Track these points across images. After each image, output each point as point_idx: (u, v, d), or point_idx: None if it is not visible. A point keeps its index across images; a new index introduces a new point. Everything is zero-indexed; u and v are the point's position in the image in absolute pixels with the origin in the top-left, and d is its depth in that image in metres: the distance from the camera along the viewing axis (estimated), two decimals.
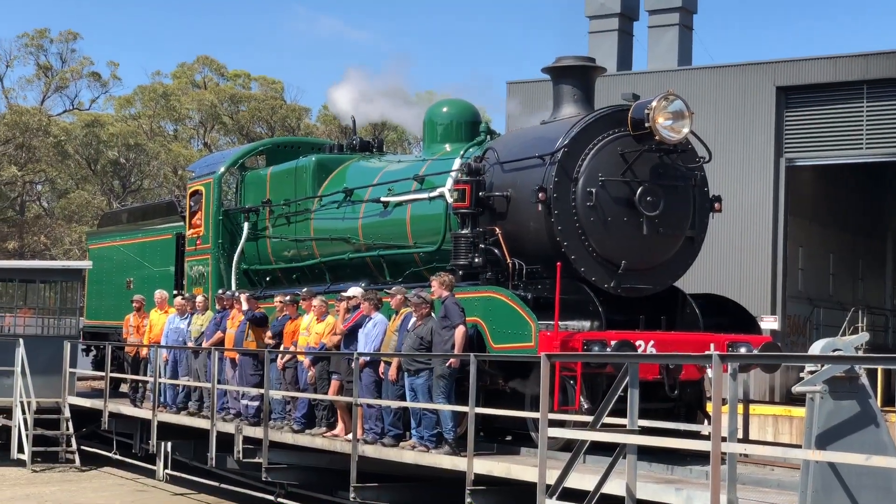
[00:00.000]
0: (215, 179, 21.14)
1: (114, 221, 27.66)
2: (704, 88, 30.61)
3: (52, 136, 51.56)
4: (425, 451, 13.93)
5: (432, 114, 17.66)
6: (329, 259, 18.47)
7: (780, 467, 12.44)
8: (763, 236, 30.22)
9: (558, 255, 13.96)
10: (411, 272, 16.69)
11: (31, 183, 54.48)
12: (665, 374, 13.28)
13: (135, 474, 22.13)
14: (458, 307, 13.83)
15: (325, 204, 18.62)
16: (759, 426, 24.80)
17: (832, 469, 8.48)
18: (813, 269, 34.45)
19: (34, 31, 56.85)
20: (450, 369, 13.67)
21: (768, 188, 30.21)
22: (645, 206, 14.23)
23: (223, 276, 20.76)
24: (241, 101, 58.28)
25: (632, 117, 14.18)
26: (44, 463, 23.15)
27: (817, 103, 30.31)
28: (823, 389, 8.60)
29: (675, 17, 35.02)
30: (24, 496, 20.06)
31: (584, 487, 10.66)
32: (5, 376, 23.67)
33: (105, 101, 59.75)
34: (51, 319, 25.78)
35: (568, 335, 13.14)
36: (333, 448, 15.55)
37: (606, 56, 33.31)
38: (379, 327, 15.12)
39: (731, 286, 27.61)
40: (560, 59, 15.38)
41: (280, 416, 16.99)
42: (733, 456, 9.05)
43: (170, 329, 20.13)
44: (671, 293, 14.92)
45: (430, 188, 16.22)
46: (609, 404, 10.22)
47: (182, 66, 60.97)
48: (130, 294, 23.25)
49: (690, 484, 11.23)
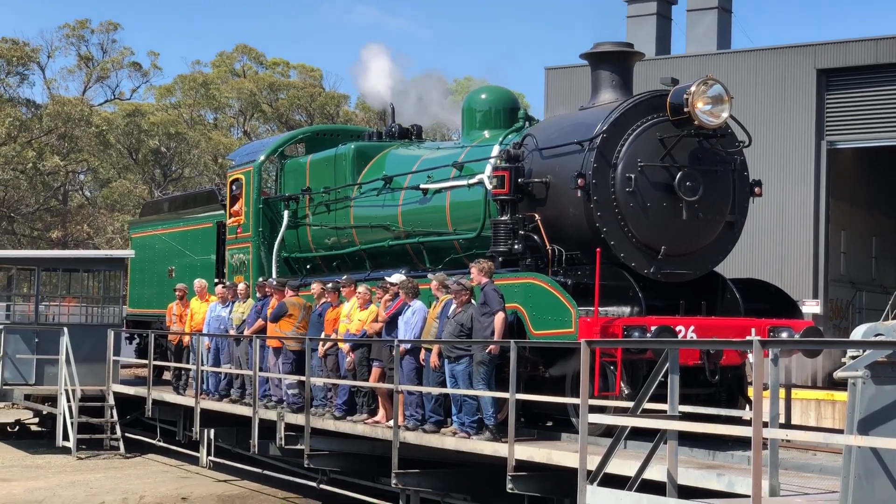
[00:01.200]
0: (255, 168, 21.22)
1: (155, 210, 27.83)
2: (744, 72, 30.44)
3: (94, 126, 51.92)
4: (466, 437, 13.96)
5: (471, 100, 17.66)
6: (369, 246, 18.52)
7: (823, 452, 12.39)
8: (804, 220, 30.05)
9: (598, 240, 13.94)
10: (451, 259, 16.71)
11: (73, 172, 54.90)
12: (706, 359, 13.25)
13: (178, 461, 22.31)
14: (497, 294, 13.84)
15: (364, 191, 18.66)
16: (801, 411, 24.71)
17: (875, 454, 8.42)
18: (855, 253, 34.24)
19: (75, 21, 57.31)
20: (490, 356, 13.70)
21: (809, 171, 30.03)
22: (684, 191, 14.18)
23: (264, 264, 20.85)
24: (280, 90, 58.47)
25: (670, 102, 14.12)
26: (89, 450, 23.37)
27: (859, 85, 30.09)
28: (865, 374, 8.54)
29: (713, 1, 34.83)
30: (70, 483, 20.26)
31: (626, 473, 10.65)
32: (50, 365, 23.91)
33: (146, 91, 60.20)
34: (94, 308, 26.00)
35: (608, 321, 13.13)
36: (375, 435, 15.61)
37: (645, 41, 33.17)
38: (418, 315, 15.16)
39: (773, 270, 27.48)
40: (598, 45, 15.32)
41: (321, 404, 17.07)
42: (775, 441, 9.03)
43: (211, 317, 20.25)
44: (711, 278, 14.87)
45: (469, 175, 16.23)
46: (649, 390, 10.20)
47: (221, 55, 61.24)
48: (172, 282, 23.38)
49: (732, 469, 11.21)
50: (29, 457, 23.42)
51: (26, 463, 22.69)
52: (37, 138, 50.83)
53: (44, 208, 52.23)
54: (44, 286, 26.44)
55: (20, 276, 27.00)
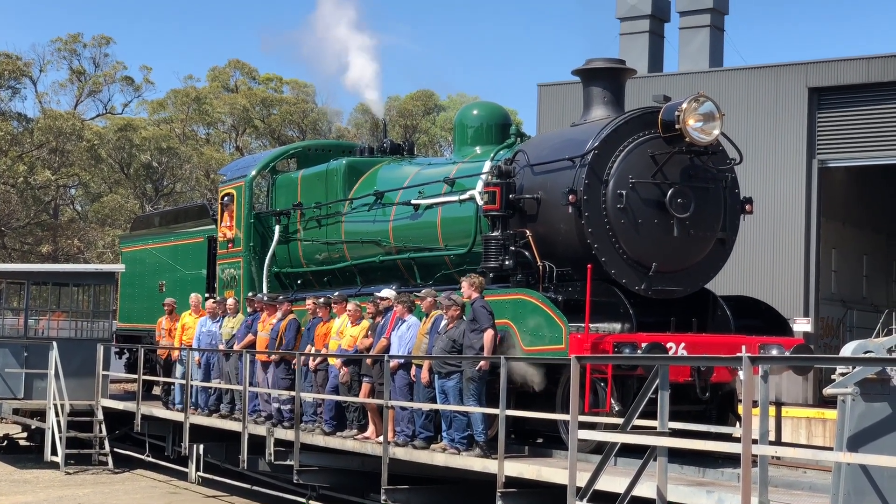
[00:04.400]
0: (247, 183, 21.21)
1: (146, 225, 27.80)
2: (736, 90, 30.49)
3: (86, 141, 51.85)
4: (456, 453, 13.93)
5: (463, 116, 17.70)
6: (360, 262, 18.51)
7: (813, 470, 12.39)
8: (795, 238, 30.06)
9: (589, 257, 13.93)
10: (442, 275, 16.70)
11: (64, 187, 54.82)
12: (696, 376, 13.24)
13: (167, 476, 22.25)
14: (486, 310, 13.83)
15: (355, 207, 18.65)
16: (792, 429, 24.69)
17: (864, 472, 8.42)
18: (846, 271, 34.25)
19: (67, 35, 57.23)
20: (480, 372, 13.68)
21: (801, 189, 30.05)
22: (675, 207, 14.19)
23: (254, 278, 20.83)
24: (273, 105, 58.48)
25: (662, 119, 14.13)
26: (77, 465, 23.30)
27: (850, 104, 30.13)
28: (855, 391, 8.54)
29: (706, 19, 34.92)
30: (58, 498, 20.19)
31: (615, 490, 10.65)
32: (39, 379, 23.84)
33: (138, 106, 60.13)
34: (84, 322, 25.91)
35: (598, 337, 13.12)
36: (364, 450, 15.58)
37: (637, 58, 33.26)
38: (412, 330, 15.13)
39: (763, 288, 27.46)
40: (590, 61, 15.34)
41: (311, 419, 17.03)
42: (765, 458, 9.02)
43: (202, 332, 20.21)
44: (702, 295, 14.87)
45: (460, 191, 16.23)
46: (640, 406, 10.20)
47: (214, 70, 61.24)
48: (162, 297, 23.35)
49: (722, 486, 11.19)
50: (17, 471, 23.33)
51: (14, 478, 22.61)
52: (28, 152, 50.77)
53: (34, 222, 52.14)
54: (33, 300, 26.37)
55: (10, 290, 26.92)
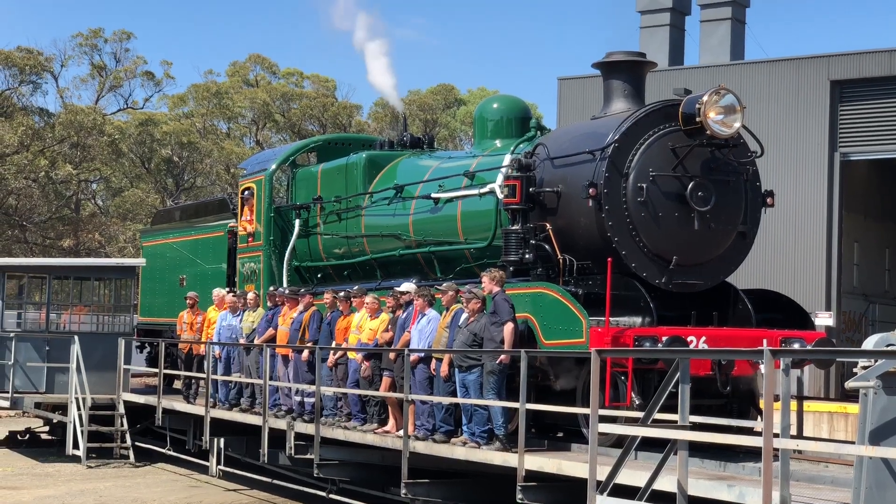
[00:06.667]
0: (267, 176, 21.22)
1: (167, 219, 27.85)
2: (757, 83, 30.40)
3: (107, 135, 52.01)
4: (476, 447, 13.91)
5: (483, 110, 17.66)
6: (380, 256, 18.50)
7: (834, 464, 12.33)
8: (817, 231, 29.96)
9: (609, 250, 13.89)
10: (462, 268, 16.68)
11: (86, 181, 55.01)
12: (717, 369, 13.19)
13: (188, 470, 22.29)
14: (507, 303, 13.80)
15: (375, 200, 18.65)
16: (814, 423, 24.59)
17: (886, 465, 8.37)
18: (868, 265, 34.13)
19: (88, 30, 57.51)
20: (500, 365, 13.66)
21: (822, 183, 29.95)
22: (696, 201, 14.13)
23: (275, 272, 20.84)
24: (293, 99, 58.55)
25: (683, 112, 14.06)
26: (98, 459, 23.37)
27: (872, 97, 30.02)
28: (877, 385, 8.49)
29: (727, 11, 34.81)
30: (80, 492, 20.25)
31: (636, 484, 10.61)
32: (61, 373, 23.91)
33: (158, 100, 60.35)
34: (105, 317, 25.99)
35: (619, 331, 13.08)
36: (385, 444, 15.57)
37: (658, 51, 33.16)
38: (433, 324, 15.11)
39: (785, 282, 27.39)
40: (610, 55, 15.28)
41: (332, 413, 17.04)
42: (786, 452, 8.97)
43: (222, 326, 20.22)
44: (723, 289, 14.81)
45: (480, 184, 16.20)
46: (660, 400, 10.16)
47: (234, 65, 61.35)
48: (183, 291, 23.36)
49: (743, 480, 11.14)
50: (39, 465, 23.42)
51: (36, 471, 22.69)
52: (49, 147, 50.94)
53: (56, 217, 52.34)
54: (55, 294, 26.44)
55: (31, 285, 27.02)
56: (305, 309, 18.03)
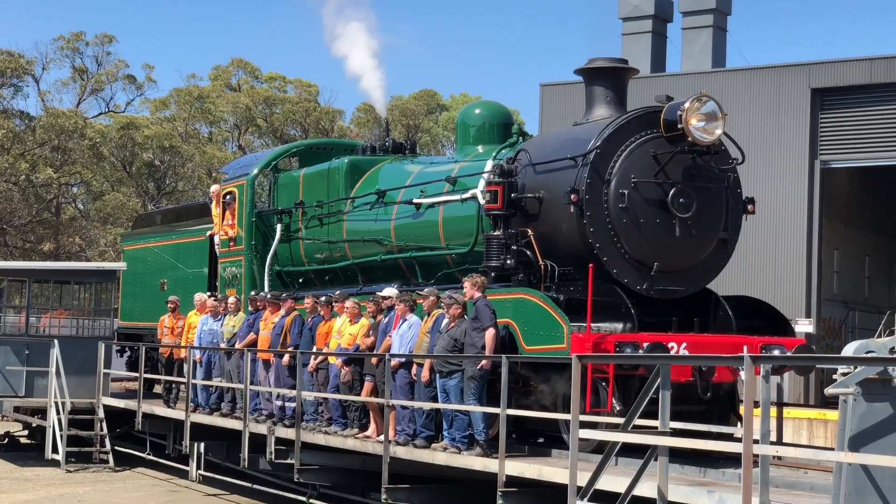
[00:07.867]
0: (248, 181, 21.20)
1: (148, 223, 27.78)
2: (739, 90, 30.47)
3: (88, 139, 51.84)
4: (457, 452, 13.92)
5: (465, 116, 17.68)
6: (361, 261, 18.49)
7: (814, 470, 12.37)
8: (797, 238, 30.05)
9: (590, 256, 13.92)
10: (443, 274, 16.69)
11: (66, 185, 54.78)
12: (698, 376, 13.22)
13: (168, 475, 22.23)
14: (488, 309, 13.81)
15: (357, 206, 18.64)
16: (793, 430, 24.64)
17: (865, 472, 8.40)
18: (848, 272, 34.23)
19: (70, 34, 57.20)
20: (481, 371, 13.66)
21: (803, 190, 30.05)
22: (677, 207, 14.17)
23: (256, 277, 20.81)
24: (276, 104, 58.46)
25: (664, 118, 14.11)
26: (78, 463, 23.28)
27: (853, 105, 30.13)
28: (856, 391, 8.52)
29: (709, 19, 34.91)
30: (59, 496, 20.18)
31: (616, 489, 10.63)
32: (40, 377, 23.83)
33: (140, 104, 60.13)
34: (85, 320, 25.92)
35: (600, 337, 13.10)
36: (365, 449, 15.56)
37: (640, 58, 33.24)
38: (414, 329, 15.11)
39: (765, 289, 27.47)
40: (592, 61, 15.32)
41: (312, 418, 17.02)
42: (766, 458, 8.99)
43: (203, 330, 20.19)
44: (704, 295, 14.85)
45: (462, 190, 16.21)
46: (641, 406, 10.18)
47: (217, 69, 61.23)
48: (164, 295, 23.32)
49: (723, 486, 11.17)
50: (18, 469, 23.32)
51: (15, 475, 22.59)
52: (30, 150, 50.75)
53: (36, 220, 52.12)
54: (35, 298, 26.37)
55: (11, 288, 26.93)
56: (287, 313, 18.02)
